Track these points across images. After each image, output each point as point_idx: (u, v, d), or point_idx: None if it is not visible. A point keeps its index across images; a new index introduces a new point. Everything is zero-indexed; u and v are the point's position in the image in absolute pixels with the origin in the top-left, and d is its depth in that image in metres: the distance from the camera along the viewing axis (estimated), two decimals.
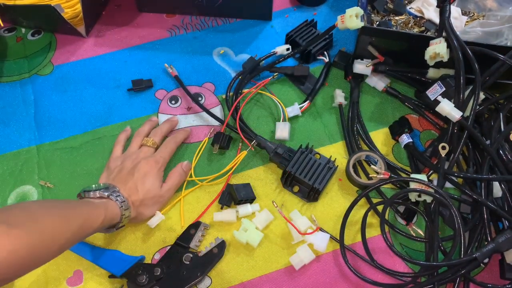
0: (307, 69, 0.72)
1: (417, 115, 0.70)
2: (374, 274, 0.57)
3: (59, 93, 0.73)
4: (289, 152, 0.64)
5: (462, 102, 0.59)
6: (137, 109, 0.72)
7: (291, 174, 0.61)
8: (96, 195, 0.54)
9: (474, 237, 0.57)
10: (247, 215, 0.61)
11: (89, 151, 0.67)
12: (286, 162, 0.63)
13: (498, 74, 0.60)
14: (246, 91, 0.71)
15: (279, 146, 0.64)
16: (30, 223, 0.43)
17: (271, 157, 0.64)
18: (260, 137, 0.65)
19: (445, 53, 0.59)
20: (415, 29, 0.73)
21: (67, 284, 0.58)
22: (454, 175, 0.59)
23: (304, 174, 0.61)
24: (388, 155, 0.66)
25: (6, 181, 0.65)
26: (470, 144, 0.63)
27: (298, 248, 0.58)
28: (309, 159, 0.62)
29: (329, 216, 0.62)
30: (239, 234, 0.58)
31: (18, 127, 0.70)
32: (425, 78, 0.68)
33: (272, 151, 0.64)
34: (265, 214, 0.60)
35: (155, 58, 0.77)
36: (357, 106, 0.70)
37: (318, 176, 0.62)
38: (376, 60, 0.68)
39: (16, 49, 0.78)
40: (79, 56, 0.77)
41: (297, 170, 0.61)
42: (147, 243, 0.60)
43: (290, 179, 0.62)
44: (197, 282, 0.56)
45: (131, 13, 0.83)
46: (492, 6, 0.73)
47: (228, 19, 0.82)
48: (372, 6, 0.75)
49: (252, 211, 0.61)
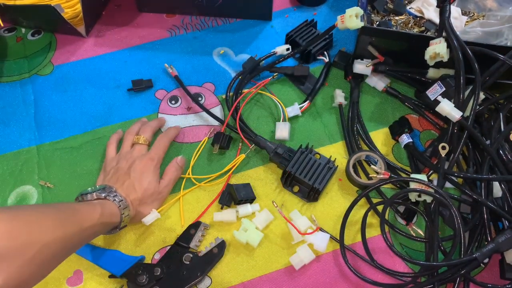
0: (307, 69, 0.72)
1: (417, 115, 0.70)
2: (374, 274, 0.57)
3: (59, 93, 0.73)
4: (289, 152, 0.64)
5: (462, 102, 0.59)
6: (137, 109, 0.71)
7: (291, 174, 0.61)
8: (93, 197, 0.54)
9: (474, 237, 0.57)
10: (247, 215, 0.61)
11: (89, 151, 0.67)
12: (286, 162, 0.63)
13: (498, 74, 0.60)
14: (246, 91, 0.71)
15: (279, 146, 0.64)
16: (19, 252, 0.39)
17: (271, 157, 0.64)
18: (260, 137, 0.65)
19: (445, 53, 0.59)
20: (415, 29, 0.73)
21: (67, 284, 0.58)
22: (454, 175, 0.59)
23: (304, 174, 0.61)
24: (388, 155, 0.66)
25: (6, 181, 0.65)
26: (470, 144, 0.63)
27: (298, 248, 0.58)
28: (309, 159, 0.62)
29: (329, 216, 0.62)
30: (239, 234, 0.58)
31: (18, 127, 0.70)
32: (425, 78, 0.68)
33: (272, 151, 0.64)
34: (265, 214, 0.60)
35: (155, 58, 0.77)
36: (357, 106, 0.70)
37: (318, 176, 0.62)
38: (376, 60, 0.68)
39: (16, 49, 0.78)
40: (79, 56, 0.77)
41: (297, 170, 0.61)
42: (147, 243, 0.60)
43: (290, 179, 0.62)
44: (197, 282, 0.56)
45: (131, 13, 0.83)
46: (492, 6, 0.73)
47: (228, 19, 0.82)
48: (372, 6, 0.75)
49: (252, 211, 0.61)
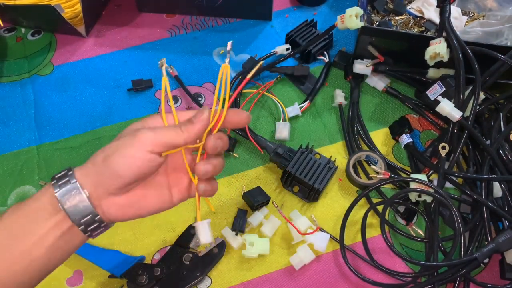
0: (307, 69, 0.72)
1: (417, 115, 0.70)
2: (374, 274, 0.57)
3: (59, 93, 0.73)
4: (289, 152, 0.63)
5: (462, 102, 0.59)
6: (137, 109, 0.71)
7: (291, 174, 0.61)
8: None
9: (474, 237, 0.57)
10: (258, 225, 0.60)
11: (89, 151, 0.67)
12: (286, 162, 0.62)
13: (498, 74, 0.60)
14: (246, 91, 0.71)
15: (279, 146, 0.64)
16: None
17: (271, 157, 0.64)
18: (260, 137, 0.65)
19: (445, 53, 0.59)
20: (415, 29, 0.73)
21: (67, 284, 0.58)
22: (454, 175, 0.59)
23: (304, 174, 0.61)
24: (388, 155, 0.66)
25: (6, 181, 0.65)
26: (470, 144, 0.63)
27: (298, 248, 0.58)
28: (309, 159, 0.62)
29: (329, 216, 0.62)
30: (248, 252, 0.57)
31: (18, 127, 0.70)
32: (425, 78, 0.68)
33: (272, 151, 0.64)
34: (273, 221, 0.60)
35: (155, 58, 0.77)
36: (357, 106, 0.70)
37: (318, 176, 0.61)
38: (376, 60, 0.68)
39: (16, 49, 0.78)
40: (79, 56, 0.77)
41: (297, 170, 0.61)
42: (147, 243, 0.60)
43: (290, 179, 0.62)
44: (197, 282, 0.56)
45: (131, 13, 0.83)
46: (492, 6, 0.73)
47: (228, 19, 0.82)
48: (372, 6, 0.75)
49: (263, 216, 0.60)
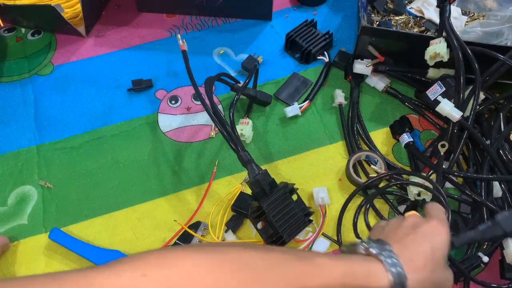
0: (270, 97, 0.70)
1: (417, 115, 0.70)
2: None
3: (59, 93, 0.73)
4: (271, 185, 0.54)
5: (462, 102, 0.59)
6: (137, 109, 0.71)
7: (264, 212, 0.53)
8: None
9: None
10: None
11: (89, 151, 0.67)
12: (264, 196, 0.54)
13: (498, 74, 0.60)
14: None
15: (262, 173, 0.55)
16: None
17: (250, 182, 0.54)
18: (246, 153, 0.56)
19: (445, 53, 0.59)
20: (415, 29, 0.73)
21: None
22: (454, 174, 0.59)
23: (278, 217, 0.53)
24: (388, 155, 0.66)
25: (6, 181, 0.65)
26: (470, 144, 0.63)
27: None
28: (287, 203, 0.54)
29: (329, 216, 0.62)
30: None
31: (18, 127, 0.70)
32: (425, 78, 0.68)
33: (254, 176, 0.54)
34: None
35: (155, 58, 0.77)
36: (357, 106, 0.70)
37: (290, 225, 0.53)
38: (376, 60, 0.68)
39: (16, 49, 0.78)
40: (79, 56, 0.77)
41: (271, 211, 0.53)
42: (147, 243, 0.60)
43: (259, 215, 0.54)
44: None
45: (131, 13, 0.83)
46: (492, 6, 0.73)
47: (228, 19, 0.82)
48: (372, 6, 0.75)
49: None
